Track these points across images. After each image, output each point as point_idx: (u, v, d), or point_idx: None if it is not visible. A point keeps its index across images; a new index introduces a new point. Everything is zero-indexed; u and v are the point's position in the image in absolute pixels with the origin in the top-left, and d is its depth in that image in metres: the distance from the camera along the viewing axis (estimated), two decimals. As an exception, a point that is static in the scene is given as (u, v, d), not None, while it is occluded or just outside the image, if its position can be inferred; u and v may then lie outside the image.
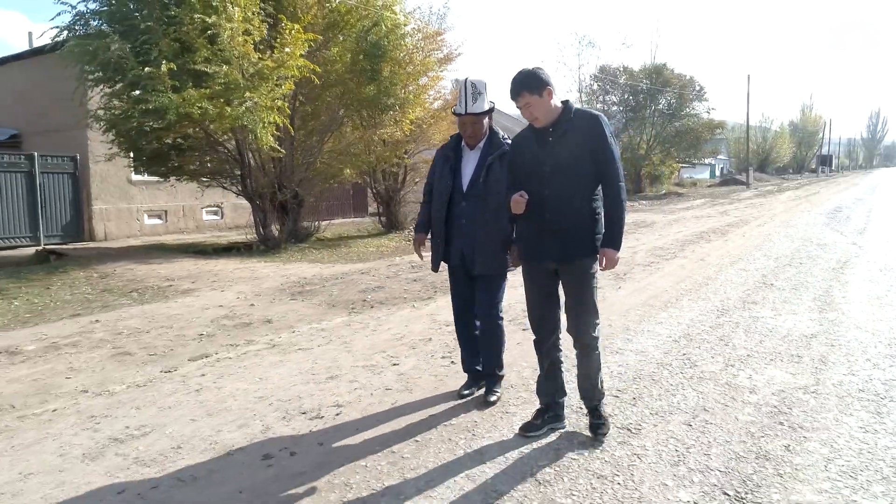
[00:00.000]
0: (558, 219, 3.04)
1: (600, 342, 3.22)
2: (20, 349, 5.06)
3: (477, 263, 3.52)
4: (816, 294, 6.63)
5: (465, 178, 3.58)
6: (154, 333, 5.49)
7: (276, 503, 2.61)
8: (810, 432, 3.26)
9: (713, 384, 3.99)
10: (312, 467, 2.92)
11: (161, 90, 10.21)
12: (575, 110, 3.08)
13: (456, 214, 3.58)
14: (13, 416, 3.63)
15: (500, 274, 3.60)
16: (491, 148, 3.56)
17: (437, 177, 3.70)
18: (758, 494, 2.65)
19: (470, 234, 3.52)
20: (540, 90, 2.99)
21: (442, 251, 3.65)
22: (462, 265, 3.61)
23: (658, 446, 3.12)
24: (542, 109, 3.03)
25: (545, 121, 3.07)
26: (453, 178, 3.60)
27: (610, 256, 3.04)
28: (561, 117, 3.06)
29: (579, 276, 3.10)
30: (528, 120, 3.13)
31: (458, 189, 3.58)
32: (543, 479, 2.79)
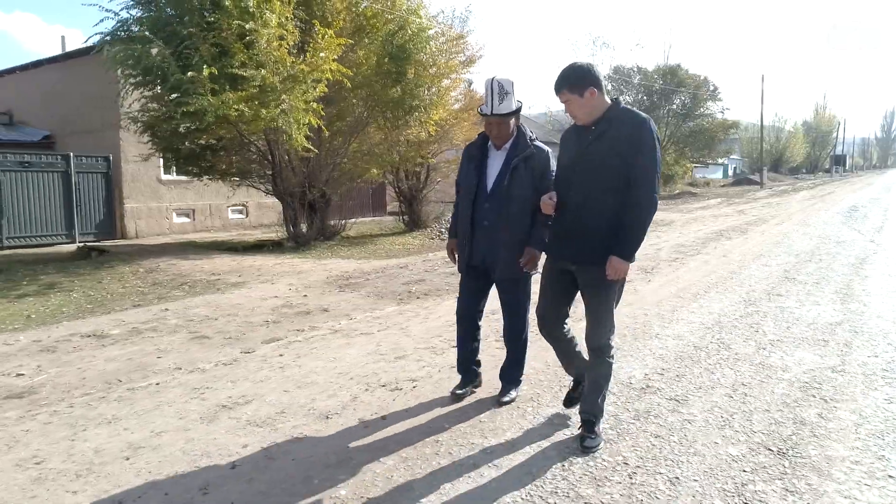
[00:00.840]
0: (579, 219, 2.98)
1: (615, 354, 3.17)
2: (106, 333, 5.55)
3: (498, 266, 3.50)
4: (837, 287, 7.02)
5: (490, 179, 3.54)
6: (223, 320, 5.96)
7: (384, 457, 3.04)
8: (840, 403, 3.67)
9: (748, 364, 4.41)
10: (403, 430, 3.36)
11: (201, 93, 10.68)
12: (620, 110, 2.95)
13: (479, 215, 3.54)
14: (123, 388, 4.10)
15: (522, 277, 3.57)
16: (517, 150, 3.50)
17: (462, 175, 3.69)
18: (797, 450, 3.07)
19: (492, 236, 3.49)
20: (581, 90, 2.90)
21: (467, 251, 3.61)
22: (481, 267, 3.59)
23: (705, 413, 3.54)
24: (582, 109, 2.95)
25: (585, 120, 2.99)
26: (478, 178, 3.56)
27: (615, 265, 2.87)
28: (604, 115, 2.93)
29: (594, 284, 2.99)
30: (570, 116, 3.08)
31: (483, 189, 3.54)
32: (608, 438, 3.21)
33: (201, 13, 11.17)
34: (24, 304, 7.27)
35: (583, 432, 3.13)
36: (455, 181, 3.87)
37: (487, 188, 3.53)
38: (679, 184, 38.05)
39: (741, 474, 2.83)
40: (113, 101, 15.75)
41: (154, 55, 10.74)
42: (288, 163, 13.58)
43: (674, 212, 20.10)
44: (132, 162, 16.43)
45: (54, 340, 5.36)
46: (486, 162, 3.59)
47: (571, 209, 2.99)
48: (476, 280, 3.67)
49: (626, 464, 2.95)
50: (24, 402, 3.91)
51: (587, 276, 3.01)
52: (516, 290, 3.60)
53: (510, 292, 3.61)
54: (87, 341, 5.31)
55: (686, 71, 33.76)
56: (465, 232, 3.61)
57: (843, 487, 2.71)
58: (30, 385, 4.22)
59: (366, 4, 14.51)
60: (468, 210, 3.58)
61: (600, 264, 2.90)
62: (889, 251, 9.67)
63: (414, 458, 3.02)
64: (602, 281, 2.94)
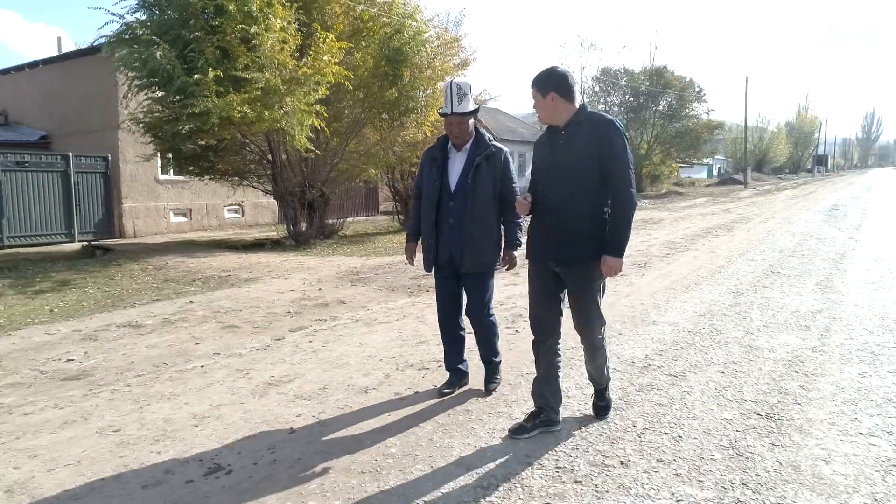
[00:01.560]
0: (557, 221, 3.10)
1: (606, 340, 3.38)
2: (140, 323, 5.92)
3: (465, 262, 3.64)
4: (818, 280, 7.56)
5: (453, 179, 3.68)
6: (247, 312, 6.36)
7: (423, 423, 3.48)
8: (819, 377, 4.17)
9: (738, 346, 4.90)
10: (436, 402, 3.79)
11: (206, 95, 11.02)
12: (587, 113, 3.09)
13: (444, 214, 3.67)
14: (171, 371, 4.50)
15: (487, 272, 3.75)
16: (478, 149, 3.67)
17: (425, 178, 3.80)
18: (782, 415, 3.55)
19: (458, 233, 3.63)
20: (545, 91, 3.07)
21: (434, 251, 3.74)
22: (450, 264, 3.72)
23: (701, 386, 4.02)
24: (542, 110, 3.13)
25: (547, 121, 3.16)
26: (441, 179, 3.70)
27: (609, 264, 3.02)
28: (573, 119, 3.08)
29: (580, 281, 3.12)
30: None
31: (446, 189, 3.67)
32: (617, 406, 3.67)
33: (205, 17, 11.52)
34: (43, 300, 7.59)
35: (595, 400, 3.51)
36: (415, 185, 3.99)
37: (451, 188, 3.67)
38: (665, 183, 38.84)
39: (734, 433, 3.30)
40: (112, 102, 16.07)
41: (159, 58, 11.05)
42: (288, 163, 13.95)
43: (662, 210, 20.72)
44: (130, 162, 16.71)
45: (93, 330, 5.73)
46: (448, 164, 3.73)
47: (550, 211, 3.11)
48: (449, 279, 3.81)
49: (635, 426, 3.41)
50: (82, 382, 4.29)
51: (572, 276, 3.13)
52: (483, 284, 3.75)
53: (475, 286, 3.76)
54: (123, 331, 5.68)
55: (672, 73, 34.52)
56: (430, 232, 3.72)
57: (821, 442, 3.19)
58: (83, 368, 4.60)
59: (363, 8, 14.91)
60: (432, 212, 3.70)
61: (583, 263, 3.05)
62: (866, 247, 10.26)
63: (449, 424, 3.45)
64: (586, 279, 3.09)
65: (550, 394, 3.30)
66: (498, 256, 3.75)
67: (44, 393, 4.09)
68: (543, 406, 3.30)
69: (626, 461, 2.99)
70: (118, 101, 16.34)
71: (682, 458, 3.03)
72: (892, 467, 2.90)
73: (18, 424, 3.56)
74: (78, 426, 3.53)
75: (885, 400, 3.72)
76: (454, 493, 2.72)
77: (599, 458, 3.04)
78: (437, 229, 3.70)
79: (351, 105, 15.14)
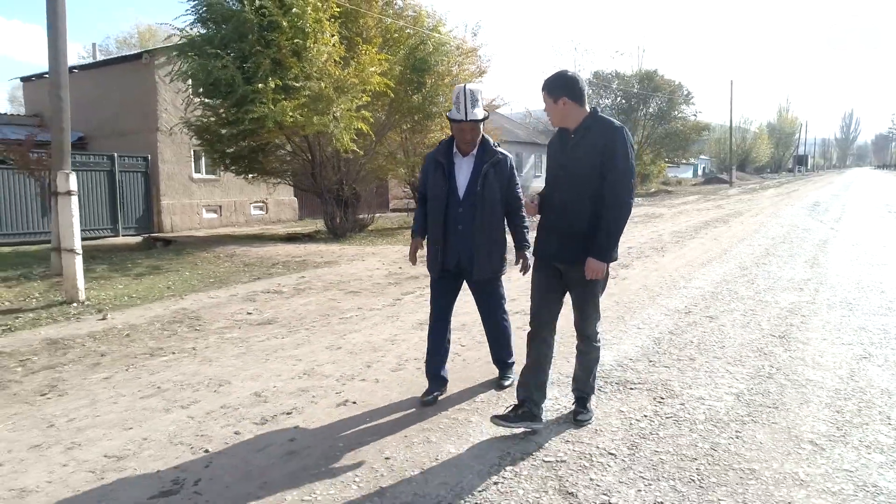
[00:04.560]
0: (563, 221, 3.24)
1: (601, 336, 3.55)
2: (279, 290, 7.52)
3: (475, 269, 3.69)
4: (807, 258, 9.39)
5: (461, 185, 3.69)
6: (355, 283, 7.97)
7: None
8: (813, 317, 5.92)
9: (751, 300, 6.65)
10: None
11: (263, 102, 12.55)
12: (598, 118, 3.18)
13: (452, 220, 3.67)
14: (336, 318, 6.11)
15: (497, 278, 3.84)
16: (485, 155, 3.70)
17: (430, 183, 3.78)
18: (789, 335, 5.28)
19: (467, 240, 3.67)
20: (556, 96, 3.16)
21: (441, 256, 3.74)
22: (455, 271, 3.77)
23: (731, 322, 5.75)
24: (553, 113, 3.23)
25: (558, 124, 3.26)
26: (448, 184, 3.70)
27: (592, 267, 3.10)
28: (583, 124, 3.17)
29: (581, 280, 3.21)
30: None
31: (454, 195, 3.68)
32: (676, 331, 5.37)
33: (261, 32, 13.05)
34: (150, 281, 9.04)
35: (576, 408, 3.54)
36: (419, 188, 4.01)
37: (460, 194, 3.68)
38: (654, 182, 40.94)
39: (759, 344, 5.03)
40: (151, 106, 17.53)
41: (223, 69, 12.56)
42: (327, 162, 15.52)
43: (661, 207, 22.67)
44: (168, 162, 18.15)
45: (246, 294, 7.32)
46: (454, 169, 3.73)
47: (557, 211, 3.25)
48: (449, 283, 3.85)
49: (692, 342, 5.11)
50: (276, 326, 5.89)
51: (573, 274, 3.24)
52: (493, 290, 3.87)
53: (487, 292, 3.87)
54: (269, 296, 7.28)
55: (662, 76, 36.65)
56: (438, 237, 3.73)
57: (817, 348, 4.92)
58: (266, 318, 6.20)
59: (390, 21, 16.53)
60: (441, 217, 3.69)
61: (582, 263, 3.16)
62: (846, 235, 12.17)
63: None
64: (584, 278, 3.19)
65: (535, 388, 3.36)
66: (506, 261, 3.86)
67: (257, 331, 5.69)
68: (525, 399, 3.35)
69: (693, 357, 4.70)
70: (157, 105, 17.86)
71: (728, 356, 4.74)
72: (862, 358, 4.64)
73: (267, 347, 5.16)
74: (310, 345, 5.15)
75: (859, 328, 5.49)
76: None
77: (676, 359, 4.75)
78: (445, 235, 3.71)
79: (377, 110, 16.74)
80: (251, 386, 4.20)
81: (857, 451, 3.13)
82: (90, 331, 5.79)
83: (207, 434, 3.43)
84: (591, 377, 3.51)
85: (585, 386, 3.51)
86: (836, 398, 3.85)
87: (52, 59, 8.46)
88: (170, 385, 4.25)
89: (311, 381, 4.29)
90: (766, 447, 3.19)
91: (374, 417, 3.62)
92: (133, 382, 4.33)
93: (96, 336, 5.60)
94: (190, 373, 4.51)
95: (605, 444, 3.25)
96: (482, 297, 3.91)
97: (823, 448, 3.18)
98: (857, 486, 2.81)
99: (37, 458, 3.18)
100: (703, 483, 2.84)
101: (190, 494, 2.79)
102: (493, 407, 3.72)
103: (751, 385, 4.09)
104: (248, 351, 5.04)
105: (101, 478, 2.97)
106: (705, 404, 3.77)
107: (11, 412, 3.84)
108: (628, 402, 3.82)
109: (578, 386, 3.53)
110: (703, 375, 4.30)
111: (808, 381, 4.15)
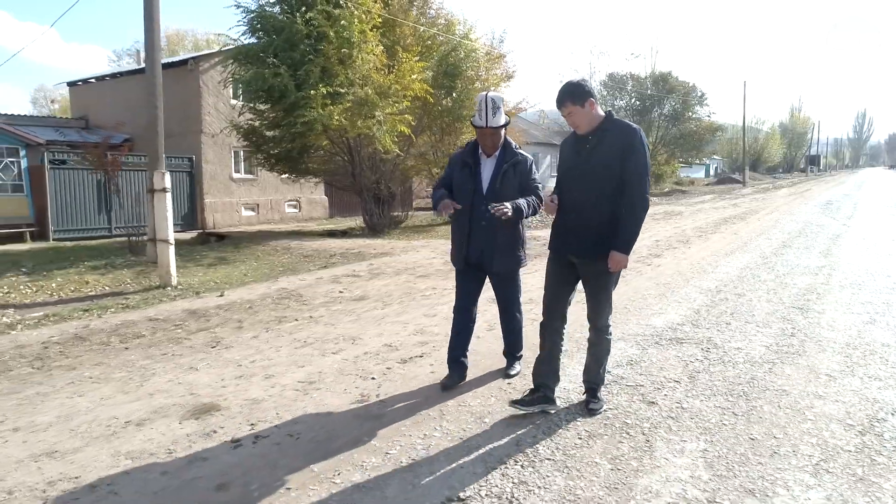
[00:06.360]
0: (580, 218, 3.44)
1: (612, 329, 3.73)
2: (357, 274, 8.66)
3: (495, 262, 3.99)
4: (821, 249, 10.46)
5: (485, 183, 3.99)
6: (419, 269, 9.10)
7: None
8: (827, 295, 7.01)
9: (772, 282, 7.74)
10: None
11: (312, 107, 13.71)
12: (614, 121, 3.42)
13: (476, 216, 3.95)
14: (418, 295, 7.24)
15: (515, 270, 4.15)
16: (506, 157, 4.01)
17: (456, 181, 4.08)
18: (806, 308, 6.36)
19: (489, 235, 3.95)
20: (583, 101, 3.36)
21: (465, 250, 4.03)
22: (478, 263, 4.05)
23: (756, 298, 6.84)
24: (584, 119, 3.40)
25: (586, 129, 3.43)
26: (474, 183, 3.99)
27: (616, 259, 3.35)
28: (600, 126, 3.39)
29: (596, 274, 3.47)
30: (572, 127, 3.51)
31: (479, 193, 3.97)
32: (712, 304, 6.47)
33: (310, 42, 14.21)
34: (224, 270, 10.17)
35: (588, 398, 3.75)
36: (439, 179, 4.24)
37: (483, 191, 3.98)
38: (668, 182, 41.97)
39: (782, 314, 6.12)
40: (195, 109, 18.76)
41: (275, 77, 13.72)
42: (366, 162, 16.67)
43: (678, 205, 23.77)
44: (211, 162, 19.36)
45: (331, 277, 8.47)
46: (479, 169, 4.04)
47: (575, 209, 3.46)
48: (474, 274, 4.16)
49: (727, 311, 6.21)
50: (368, 301, 7.03)
51: (589, 268, 3.49)
52: (512, 283, 4.17)
53: (506, 285, 4.17)
54: (351, 279, 8.42)
55: (676, 78, 37.74)
56: (465, 230, 4.03)
57: (832, 316, 6.00)
58: (356, 296, 7.34)
59: (423, 29, 17.68)
60: (465, 211, 3.96)
61: (601, 257, 3.39)
62: (857, 231, 13.23)
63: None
64: (603, 271, 3.43)
65: (549, 374, 3.68)
66: (524, 256, 4.17)
67: (356, 305, 6.82)
68: (540, 385, 3.68)
69: (728, 322, 5.80)
70: (202, 109, 19.08)
71: (757, 321, 5.85)
72: (867, 323, 5.72)
73: (373, 315, 6.30)
74: (409, 314, 6.29)
75: (866, 302, 6.57)
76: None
77: (714, 323, 5.86)
78: (470, 229, 4.01)
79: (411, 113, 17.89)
80: (380, 340, 5.34)
81: (861, 380, 4.24)
82: (217, 304, 6.96)
83: (366, 369, 4.57)
84: (602, 368, 3.72)
85: (596, 377, 3.72)
86: (846, 348, 4.95)
87: (149, 71, 9.66)
88: (312, 340, 5.40)
89: (425, 337, 5.43)
90: (792, 377, 4.30)
91: (481, 359, 4.74)
92: (279, 339, 5.47)
93: (225, 308, 6.76)
94: (321, 333, 5.65)
95: (669, 375, 4.36)
96: (500, 289, 4.20)
97: (835, 377, 4.28)
98: (860, 398, 3.91)
99: (247, 384, 4.32)
100: (748, 397, 3.95)
101: (377, 402, 3.93)
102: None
103: (778, 340, 5.20)
104: (359, 319, 6.18)
105: (306, 393, 4.11)
106: (743, 352, 4.88)
107: (199, 357, 4.99)
108: (682, 351, 4.93)
109: (590, 377, 3.74)
110: (738, 334, 5.41)
111: (824, 338, 5.25)
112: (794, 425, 3.50)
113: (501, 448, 3.24)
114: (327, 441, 3.36)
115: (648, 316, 6.10)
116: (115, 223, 17.10)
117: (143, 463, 3.15)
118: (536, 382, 3.71)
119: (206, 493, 2.84)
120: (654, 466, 3.04)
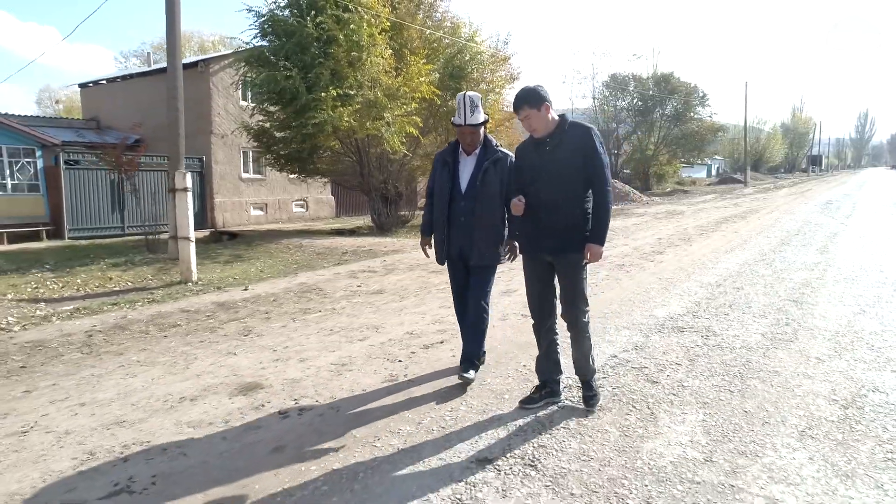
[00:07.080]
0: (552, 218, 3.57)
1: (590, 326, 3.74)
2: (372, 269, 9.07)
3: (474, 255, 4.10)
4: (818, 247, 10.86)
5: (464, 181, 4.10)
6: (430, 266, 9.49)
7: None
8: (821, 289, 7.40)
9: (770, 277, 8.14)
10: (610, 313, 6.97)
11: (323, 109, 14.10)
12: (570, 123, 3.58)
13: (455, 212, 4.08)
14: (434, 290, 7.64)
15: (492, 265, 4.22)
16: (486, 154, 4.10)
17: (437, 180, 4.21)
18: (801, 300, 6.76)
19: (468, 230, 4.07)
20: (538, 105, 3.52)
21: (446, 246, 4.20)
22: (460, 257, 4.19)
23: (754, 292, 7.24)
24: (541, 122, 3.56)
25: (543, 132, 3.59)
26: (452, 181, 4.11)
27: (594, 251, 3.52)
28: (557, 129, 3.56)
29: (571, 268, 3.62)
30: (528, 130, 3.66)
31: (458, 190, 4.09)
32: (712, 296, 6.88)
33: (320, 45, 14.62)
34: (240, 267, 10.60)
35: (584, 391, 3.87)
36: (427, 187, 4.43)
37: (462, 189, 4.10)
38: (669, 182, 42.36)
39: (778, 305, 6.52)
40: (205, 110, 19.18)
41: (287, 79, 14.12)
42: (374, 162, 17.08)
43: (680, 205, 24.17)
44: (220, 163, 19.77)
45: (348, 272, 8.88)
46: (458, 167, 4.17)
47: (544, 210, 3.58)
48: (460, 270, 4.32)
49: (726, 303, 6.62)
50: (386, 294, 7.43)
51: (563, 263, 3.63)
52: (487, 276, 4.26)
53: (481, 277, 4.23)
54: (367, 274, 8.83)
55: (678, 78, 38.08)
56: (443, 228, 4.15)
57: (825, 308, 6.40)
58: (373, 290, 7.74)
59: (430, 31, 18.08)
60: (445, 210, 4.11)
61: (573, 252, 3.56)
62: (854, 230, 13.63)
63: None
64: (578, 263, 3.59)
65: (551, 368, 3.89)
66: (502, 252, 4.16)
67: (375, 298, 7.23)
68: (547, 379, 3.89)
69: (727, 313, 6.21)
70: (212, 110, 19.50)
71: (754, 312, 6.25)
72: (857, 314, 6.12)
73: (392, 307, 6.70)
74: (426, 305, 6.70)
75: (858, 295, 6.97)
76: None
77: (714, 314, 6.26)
78: (449, 226, 4.13)
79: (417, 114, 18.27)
80: (401, 328, 5.75)
81: (848, 362, 4.64)
82: (243, 297, 7.38)
83: (392, 353, 4.98)
84: (590, 360, 3.80)
85: (587, 370, 3.81)
86: (835, 336, 5.35)
87: (171, 76, 10.06)
88: (338, 329, 5.81)
89: (444, 325, 5.84)
90: (784, 361, 4.70)
91: (497, 345, 5.14)
92: (307, 328, 5.88)
93: (251, 300, 7.18)
94: (345, 322, 6.07)
95: (671, 359, 4.77)
96: (475, 280, 4.22)
97: (824, 360, 4.69)
98: (846, 378, 4.31)
99: (285, 366, 4.73)
100: (743, 377, 4.35)
101: (406, 381, 4.34)
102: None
103: (773, 329, 5.60)
104: (379, 310, 6.59)
105: (339, 374, 4.52)
106: (740, 339, 5.28)
107: (235, 344, 5.40)
108: (682, 338, 5.34)
109: (580, 372, 3.84)
110: (736, 323, 5.81)
111: (816, 327, 5.65)
112: (784, 400, 3.91)
113: (521, 419, 3.65)
114: (365, 413, 3.77)
115: (652, 307, 6.50)
116: (129, 222, 17.53)
117: (204, 431, 3.56)
118: (541, 378, 3.93)
119: (265, 454, 3.25)
120: (658, 433, 3.45)
